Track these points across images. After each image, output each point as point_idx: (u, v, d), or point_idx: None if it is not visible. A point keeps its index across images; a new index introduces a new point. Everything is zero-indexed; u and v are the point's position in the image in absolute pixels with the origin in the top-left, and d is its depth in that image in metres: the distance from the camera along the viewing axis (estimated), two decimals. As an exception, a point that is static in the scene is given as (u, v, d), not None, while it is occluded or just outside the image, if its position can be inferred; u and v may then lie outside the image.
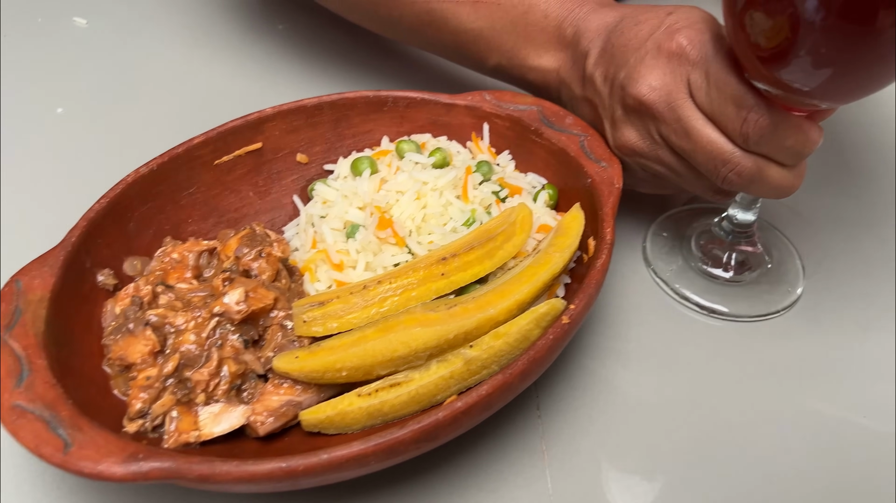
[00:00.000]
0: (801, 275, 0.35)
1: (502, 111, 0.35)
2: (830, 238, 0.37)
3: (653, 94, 0.29)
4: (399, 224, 0.30)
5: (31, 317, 0.24)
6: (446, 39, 0.37)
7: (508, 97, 0.35)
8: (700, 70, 0.29)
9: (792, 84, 0.27)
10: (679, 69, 0.29)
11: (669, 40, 0.29)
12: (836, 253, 0.36)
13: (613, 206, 0.30)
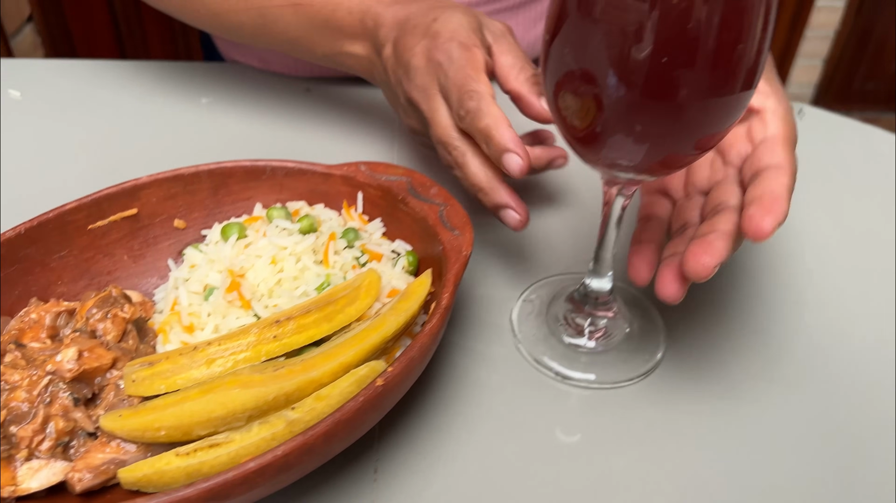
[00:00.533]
0: (661, 340, 0.36)
1: (374, 181, 0.36)
2: (693, 300, 0.38)
3: (416, 93, 0.36)
4: (252, 288, 0.31)
5: None
6: (280, 39, 0.44)
7: (381, 168, 0.37)
8: (446, 74, 0.35)
9: (616, 162, 0.28)
10: (434, 73, 0.35)
11: (433, 50, 0.36)
12: (698, 316, 0.37)
13: (457, 273, 0.31)
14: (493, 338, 0.36)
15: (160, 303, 0.33)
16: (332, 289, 0.31)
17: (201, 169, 0.36)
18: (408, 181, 0.36)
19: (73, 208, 0.33)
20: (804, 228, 0.43)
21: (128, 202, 0.35)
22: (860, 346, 0.36)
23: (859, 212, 0.45)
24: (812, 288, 0.39)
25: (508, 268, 0.39)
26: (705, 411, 0.33)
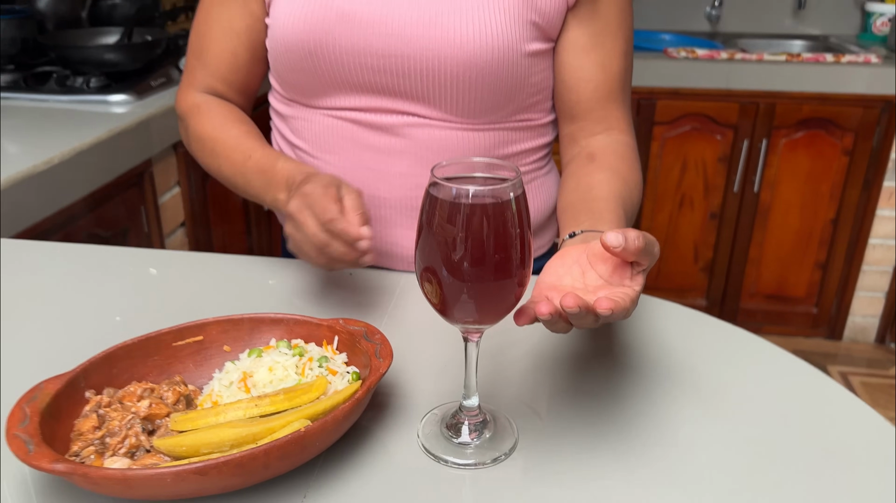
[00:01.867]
0: (515, 437, 0.53)
1: (345, 329, 0.58)
2: (534, 413, 0.55)
3: (292, 208, 0.64)
4: (255, 382, 0.53)
5: (41, 401, 0.49)
6: (249, 189, 0.73)
7: (352, 322, 0.59)
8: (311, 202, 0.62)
9: (459, 320, 0.49)
10: (305, 202, 0.63)
11: (305, 193, 0.63)
12: (539, 424, 0.54)
13: (373, 382, 0.51)
14: (403, 441, 0.54)
15: (205, 390, 0.55)
16: (296, 385, 0.52)
17: (245, 317, 0.59)
18: (364, 330, 0.57)
19: (165, 333, 0.57)
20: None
21: (197, 332, 0.58)
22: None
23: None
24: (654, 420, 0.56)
25: (417, 396, 0.59)
26: (538, 475, 0.49)
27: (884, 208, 2.16)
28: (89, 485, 0.44)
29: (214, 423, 0.49)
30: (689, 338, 0.68)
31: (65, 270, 0.80)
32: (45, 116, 1.37)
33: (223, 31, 0.79)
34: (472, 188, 0.45)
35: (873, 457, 0.52)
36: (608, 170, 0.74)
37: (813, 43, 2.46)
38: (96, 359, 0.53)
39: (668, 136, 2.14)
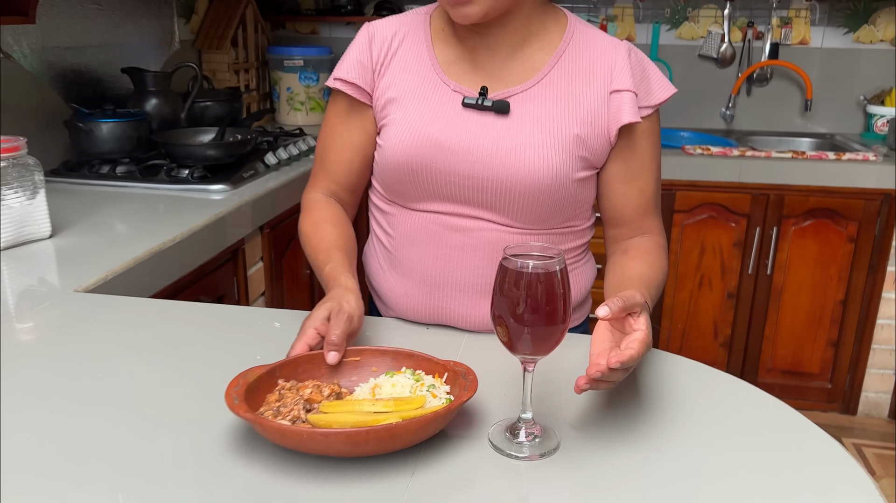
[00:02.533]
0: (557, 441, 0.75)
1: (453, 369, 0.79)
2: (576, 421, 0.77)
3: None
4: (381, 392, 0.76)
5: (250, 377, 0.73)
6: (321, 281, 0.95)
7: (459, 365, 0.78)
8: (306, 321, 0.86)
9: (519, 353, 0.72)
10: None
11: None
12: (580, 434, 0.76)
13: (454, 406, 0.73)
14: (480, 440, 0.76)
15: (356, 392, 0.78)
16: (405, 397, 0.75)
17: (389, 349, 0.82)
18: (464, 371, 0.78)
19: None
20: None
21: (357, 354, 0.81)
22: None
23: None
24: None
25: (491, 407, 0.81)
26: (572, 467, 0.70)
27: (889, 291, 2.34)
28: (260, 431, 0.67)
29: (345, 411, 0.71)
30: (700, 386, 0.90)
31: (204, 321, 1.05)
32: (158, 202, 1.65)
33: (343, 144, 1.06)
34: (531, 262, 0.69)
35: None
36: (637, 258, 0.99)
37: (820, 141, 2.71)
38: (289, 359, 0.78)
39: (686, 223, 2.38)
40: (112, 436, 0.75)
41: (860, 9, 2.67)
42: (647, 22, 2.80)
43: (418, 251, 1.03)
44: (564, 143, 0.95)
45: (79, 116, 1.83)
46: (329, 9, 2.87)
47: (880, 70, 2.71)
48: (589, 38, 0.99)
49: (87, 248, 1.34)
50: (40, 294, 1.14)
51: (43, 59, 1.89)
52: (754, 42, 2.76)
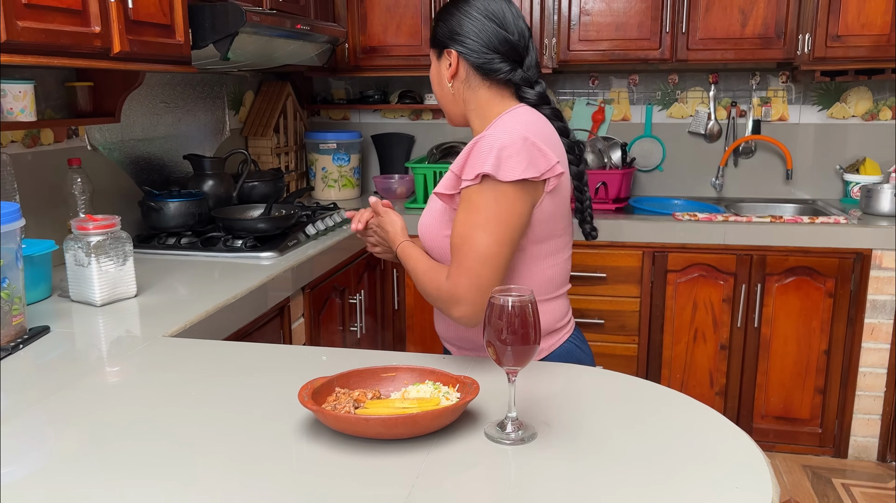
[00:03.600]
0: (534, 432, 1.01)
1: (464, 381, 1.07)
2: (548, 418, 1.03)
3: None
4: (408, 394, 1.04)
5: (316, 384, 1.01)
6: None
7: (468, 379, 1.07)
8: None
9: (505, 365, 1.00)
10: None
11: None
12: (552, 429, 1.02)
13: (459, 405, 1.00)
14: (478, 427, 1.03)
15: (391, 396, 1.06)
16: (425, 398, 1.02)
17: (416, 367, 1.10)
18: (471, 384, 1.06)
19: (378, 368, 1.09)
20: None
21: (393, 371, 1.09)
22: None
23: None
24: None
25: (487, 409, 1.07)
26: (546, 452, 0.97)
27: (868, 341, 2.57)
28: (321, 418, 0.96)
29: (382, 407, 0.99)
30: (658, 406, 1.17)
31: (268, 357, 1.34)
32: (217, 268, 1.96)
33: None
34: (511, 297, 0.97)
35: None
36: (432, 264, 1.28)
37: (803, 206, 2.98)
38: (344, 373, 1.07)
39: (679, 282, 2.64)
40: (213, 432, 1.04)
41: (832, 88, 2.98)
42: (640, 104, 3.14)
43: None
44: (434, 207, 1.31)
45: (150, 197, 2.18)
46: (359, 98, 3.26)
47: (854, 142, 3.00)
48: (485, 133, 1.20)
49: (167, 304, 1.65)
50: (138, 338, 1.44)
51: (121, 151, 2.26)
52: (738, 119, 3.08)
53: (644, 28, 2.74)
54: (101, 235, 1.61)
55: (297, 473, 0.93)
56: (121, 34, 1.65)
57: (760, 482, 0.88)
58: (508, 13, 1.25)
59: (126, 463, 0.95)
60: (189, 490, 0.90)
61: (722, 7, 2.68)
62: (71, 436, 1.03)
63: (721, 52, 2.71)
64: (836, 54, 2.63)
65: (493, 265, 1.17)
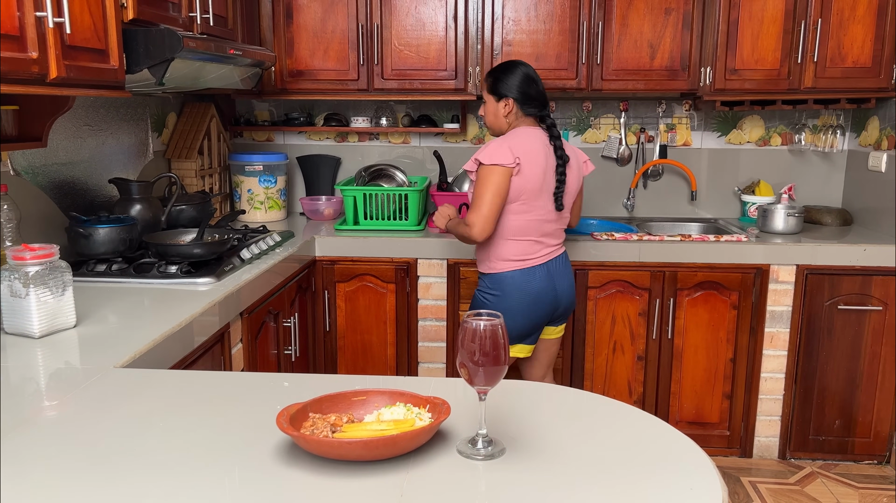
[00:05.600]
0: (502, 447, 1.08)
1: (434, 401, 1.13)
2: (516, 436, 1.11)
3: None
4: (381, 417, 1.09)
5: (291, 410, 1.04)
6: None
7: (439, 400, 1.14)
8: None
9: (476, 385, 1.07)
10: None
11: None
12: (517, 444, 1.10)
13: (433, 426, 1.06)
14: (449, 448, 1.09)
15: (365, 419, 1.10)
16: (400, 419, 1.08)
17: (387, 390, 1.15)
18: (441, 404, 1.11)
19: (349, 392, 1.13)
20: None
21: (363, 394, 1.13)
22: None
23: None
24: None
25: (458, 427, 1.14)
26: (514, 466, 1.04)
27: (768, 349, 2.80)
28: (302, 444, 1.00)
29: (360, 429, 1.04)
30: (596, 412, 1.26)
31: (225, 384, 1.35)
32: (152, 294, 1.94)
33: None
34: (482, 321, 1.04)
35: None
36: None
37: (706, 224, 3.21)
38: (317, 399, 1.10)
39: (599, 297, 2.80)
40: (191, 462, 1.05)
41: (729, 117, 3.24)
42: (557, 128, 3.30)
43: None
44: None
45: (78, 223, 2.12)
46: (283, 120, 3.26)
47: (750, 165, 3.28)
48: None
49: (109, 334, 1.62)
50: (89, 370, 1.42)
51: (45, 175, 2.19)
52: (646, 144, 3.30)
53: (562, 59, 2.90)
54: (40, 265, 1.57)
55: (284, 498, 0.96)
56: (57, 59, 1.62)
57: (710, 483, 0.99)
58: (536, 77, 2.25)
59: (107, 495, 0.96)
60: (179, 520, 0.91)
61: (633, 41, 2.87)
62: (43, 469, 1.02)
63: (632, 83, 2.91)
64: (733, 86, 2.87)
65: (484, 203, 2.14)
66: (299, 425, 1.06)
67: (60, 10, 1.58)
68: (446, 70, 2.93)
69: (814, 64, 2.81)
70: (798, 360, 2.80)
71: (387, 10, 2.90)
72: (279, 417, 1.03)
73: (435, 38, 2.91)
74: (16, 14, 1.49)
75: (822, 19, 2.77)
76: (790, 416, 2.85)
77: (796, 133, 3.22)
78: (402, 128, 3.22)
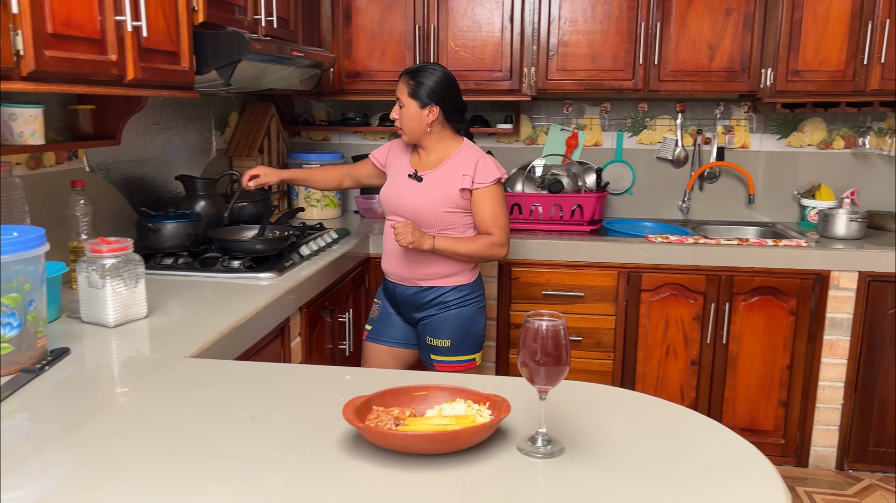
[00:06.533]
0: (562, 446, 1.10)
1: (495, 399, 1.14)
2: (575, 435, 1.12)
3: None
4: (443, 412, 1.11)
5: (356, 402, 1.08)
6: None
7: (499, 398, 1.16)
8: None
9: (537, 384, 1.09)
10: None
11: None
12: (577, 443, 1.11)
13: (494, 422, 1.08)
14: (507, 442, 1.11)
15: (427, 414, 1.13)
16: (461, 415, 1.10)
17: (447, 386, 1.18)
18: (502, 401, 1.14)
19: (411, 387, 1.16)
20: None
21: (424, 390, 1.16)
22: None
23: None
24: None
25: (519, 425, 1.16)
26: (574, 465, 1.05)
27: (827, 356, 2.74)
28: (368, 436, 1.03)
29: (423, 424, 1.07)
30: (657, 416, 1.27)
31: (291, 376, 1.40)
32: (216, 288, 2.00)
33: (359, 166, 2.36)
34: (544, 321, 1.06)
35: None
36: (474, 237, 2.19)
37: (763, 228, 3.16)
38: (380, 392, 1.14)
39: (652, 300, 2.78)
40: (262, 450, 1.10)
41: (789, 119, 3.18)
42: (612, 130, 3.29)
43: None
44: (438, 195, 2.15)
45: (147, 218, 2.20)
46: (340, 120, 3.32)
47: (810, 169, 3.21)
48: (467, 152, 2.19)
49: (178, 325, 1.69)
50: (160, 359, 1.48)
51: (117, 172, 2.28)
52: (703, 146, 3.26)
53: (619, 60, 2.88)
54: (115, 258, 1.64)
55: (350, 488, 1.00)
56: (134, 62, 1.69)
57: (774, 490, 0.99)
58: (458, 85, 2.21)
59: (176, 481, 1.00)
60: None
61: (691, 42, 2.84)
62: (121, 455, 1.08)
63: (690, 84, 2.88)
64: (795, 88, 2.82)
65: (506, 220, 2.21)
66: (363, 417, 1.09)
67: (138, 14, 1.66)
68: (501, 71, 2.95)
69: (881, 65, 2.74)
70: (858, 369, 2.73)
71: (443, 11, 2.93)
72: (345, 409, 1.07)
73: (491, 39, 2.93)
74: (97, 18, 1.56)
75: (891, 20, 2.69)
76: (849, 426, 2.78)
77: (860, 136, 3.14)
78: (456, 128, 3.24)
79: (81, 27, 1.51)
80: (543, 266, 2.80)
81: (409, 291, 2.26)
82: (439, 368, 2.24)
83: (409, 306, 2.28)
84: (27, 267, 1.36)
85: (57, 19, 1.43)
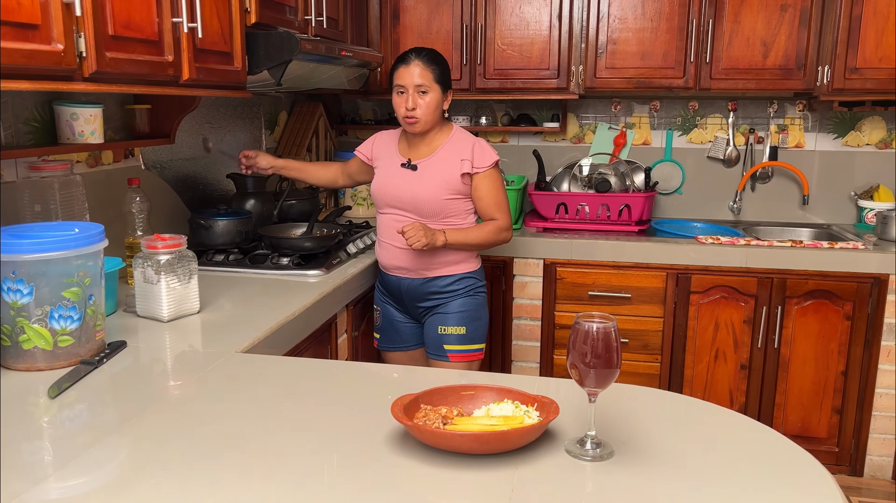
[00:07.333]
0: (612, 450, 1.09)
1: (543, 401, 1.14)
2: (624, 438, 1.11)
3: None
4: (490, 412, 1.11)
5: (405, 400, 1.09)
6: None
7: (548, 399, 1.14)
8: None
9: (587, 387, 1.08)
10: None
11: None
12: (627, 447, 1.10)
13: (542, 424, 1.08)
14: (559, 446, 1.11)
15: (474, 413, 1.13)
16: (509, 416, 1.10)
17: (494, 386, 1.18)
18: (550, 403, 1.14)
19: (458, 387, 1.16)
20: (684, 436, 1.16)
21: (472, 389, 1.16)
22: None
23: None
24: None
25: (567, 428, 1.15)
26: (623, 468, 1.04)
27: (884, 363, 2.66)
28: (416, 434, 1.04)
29: (471, 423, 1.07)
30: (709, 421, 1.25)
31: (341, 373, 1.41)
32: (266, 284, 2.04)
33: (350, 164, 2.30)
34: (595, 323, 1.05)
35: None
36: (481, 225, 2.17)
37: (818, 230, 3.07)
38: (427, 391, 1.14)
39: (702, 303, 2.73)
40: (312, 445, 1.11)
41: (847, 117, 3.09)
42: (661, 129, 3.24)
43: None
44: (438, 182, 2.11)
45: (200, 215, 2.25)
46: (387, 119, 3.34)
47: (868, 169, 3.11)
48: (460, 136, 2.16)
49: (229, 320, 1.72)
50: (212, 354, 1.51)
51: (171, 170, 2.33)
52: (755, 145, 3.18)
53: (669, 57, 2.84)
54: (170, 254, 1.68)
55: (398, 485, 1.00)
56: (189, 62, 1.73)
57: (832, 498, 0.96)
58: None
59: (227, 475, 1.02)
60: (295, 497, 0.97)
61: (744, 39, 2.78)
62: (175, 447, 1.10)
63: (743, 82, 2.81)
64: (853, 86, 2.73)
65: (507, 202, 2.19)
66: (411, 415, 1.09)
67: (194, 16, 1.69)
68: (549, 69, 2.93)
69: (945, 62, 2.63)
70: (918, 377, 2.64)
71: (491, 10, 2.92)
72: (394, 407, 1.08)
73: (538, 38, 2.91)
74: (155, 20, 1.60)
75: (957, 14, 2.59)
76: (907, 436, 2.69)
77: (922, 135, 3.03)
78: (501, 126, 3.24)
79: (140, 29, 1.55)
80: (589, 266, 2.78)
81: (415, 283, 2.18)
82: (454, 359, 2.20)
83: (416, 297, 2.20)
84: (87, 262, 1.40)
85: (118, 21, 1.47)
